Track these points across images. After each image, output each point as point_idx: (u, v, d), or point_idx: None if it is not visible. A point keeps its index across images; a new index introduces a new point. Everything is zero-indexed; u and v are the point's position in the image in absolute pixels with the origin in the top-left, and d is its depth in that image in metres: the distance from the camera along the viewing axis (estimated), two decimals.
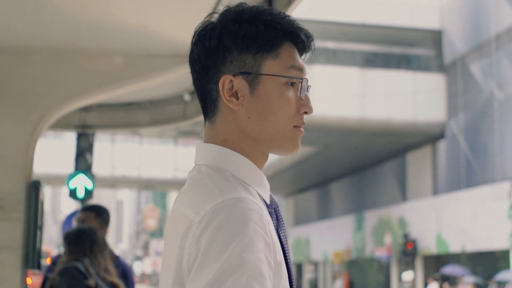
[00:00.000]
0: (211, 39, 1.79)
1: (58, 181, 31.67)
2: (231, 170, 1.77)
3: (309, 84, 1.85)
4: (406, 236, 29.45)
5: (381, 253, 31.77)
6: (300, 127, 1.82)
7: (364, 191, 37.05)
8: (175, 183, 37.67)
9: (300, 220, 45.54)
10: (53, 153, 30.60)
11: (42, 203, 6.98)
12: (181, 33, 6.92)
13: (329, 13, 29.43)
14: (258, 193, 1.78)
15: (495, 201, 23.99)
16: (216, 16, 1.84)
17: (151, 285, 69.12)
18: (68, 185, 13.77)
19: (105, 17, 6.66)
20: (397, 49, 31.59)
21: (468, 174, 27.12)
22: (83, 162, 14.10)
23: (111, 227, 6.48)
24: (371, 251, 33.71)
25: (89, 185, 13.74)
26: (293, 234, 43.68)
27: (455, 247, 26.75)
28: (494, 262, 25.17)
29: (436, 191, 29.80)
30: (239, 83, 1.77)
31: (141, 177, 36.51)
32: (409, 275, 24.50)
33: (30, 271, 7.02)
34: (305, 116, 1.83)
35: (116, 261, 5.97)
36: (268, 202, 1.83)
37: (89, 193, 13.82)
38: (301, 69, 1.82)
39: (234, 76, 1.77)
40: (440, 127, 29.02)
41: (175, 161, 36.72)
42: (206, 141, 1.85)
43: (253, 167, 1.81)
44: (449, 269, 25.57)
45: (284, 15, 1.82)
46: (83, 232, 5.40)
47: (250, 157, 1.80)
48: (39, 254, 6.92)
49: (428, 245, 28.58)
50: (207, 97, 1.84)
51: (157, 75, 7.62)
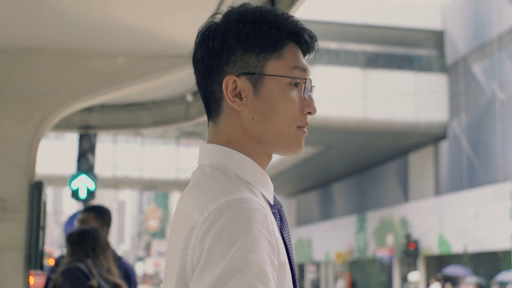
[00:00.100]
0: (215, 40, 1.79)
1: (60, 182, 31.68)
2: (234, 170, 1.77)
3: (312, 84, 1.85)
4: (408, 236, 29.44)
5: (383, 254, 31.76)
6: (303, 127, 1.82)
7: (366, 191, 37.03)
8: (177, 184, 37.66)
9: (302, 220, 45.52)
10: (55, 154, 30.59)
11: (44, 204, 6.98)
12: (183, 33, 6.92)
13: (330, 13, 29.43)
14: (261, 194, 1.78)
15: (497, 202, 23.97)
16: (219, 16, 1.84)
17: (153, 286, 69.11)
18: (70, 186, 13.77)
19: (107, 17, 6.66)
20: (399, 50, 31.59)
21: (470, 174, 27.11)
22: (85, 162, 14.09)
23: (112, 228, 6.48)
24: (373, 252, 33.70)
25: (91, 185, 13.73)
26: (295, 234, 43.65)
27: (457, 248, 26.74)
28: (496, 262, 25.16)
29: (438, 192, 29.78)
30: (243, 84, 1.77)
31: (143, 178, 36.50)
32: (415, 276, 24.49)
33: (32, 272, 7.02)
34: (308, 116, 1.83)
35: (118, 262, 5.98)
36: (271, 202, 1.82)
37: (91, 194, 13.82)
38: (304, 70, 1.82)
39: (237, 76, 1.77)
40: (442, 127, 29.01)
41: (177, 161, 36.70)
42: (209, 142, 1.85)
43: (256, 168, 1.81)
44: (451, 270, 25.55)
45: (287, 15, 1.82)
46: (85, 232, 5.39)
47: (253, 158, 1.80)
48: (41, 254, 6.92)
49: (430, 246, 28.56)
50: (210, 98, 1.84)
51: (159, 76, 7.62)
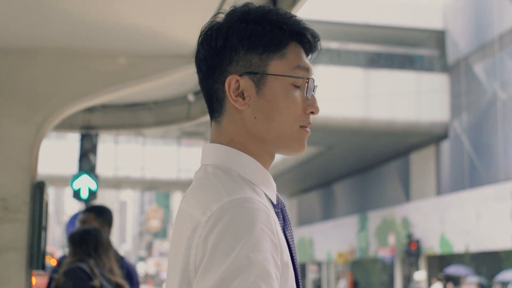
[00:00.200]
0: (217, 39, 1.79)
1: (61, 182, 31.70)
2: (237, 170, 1.77)
3: (315, 84, 1.85)
4: (409, 236, 29.45)
5: (384, 254, 31.77)
6: (306, 127, 1.82)
7: (367, 191, 37.03)
8: (178, 184, 37.68)
9: (303, 220, 45.54)
10: (56, 154, 30.60)
11: (46, 204, 6.98)
12: (185, 33, 6.92)
13: (332, 13, 29.44)
14: (264, 193, 1.78)
15: (498, 201, 23.97)
16: (222, 16, 1.84)
17: (155, 286, 69.14)
18: (72, 186, 13.78)
19: (109, 17, 6.66)
20: (400, 50, 31.61)
21: (471, 174, 27.11)
22: (86, 163, 14.10)
23: (114, 228, 6.48)
24: (375, 252, 33.71)
25: (93, 186, 13.74)
26: (296, 234, 43.65)
27: (458, 247, 26.74)
28: (497, 262, 25.16)
29: (439, 191, 29.79)
30: (245, 83, 1.77)
31: (144, 178, 36.52)
32: (420, 275, 24.50)
33: (34, 272, 7.02)
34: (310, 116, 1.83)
35: (120, 262, 5.98)
36: (274, 202, 1.82)
37: (93, 194, 13.82)
38: (307, 69, 1.82)
39: (240, 76, 1.77)
40: (443, 127, 29.02)
41: (179, 161, 36.72)
42: (212, 141, 1.85)
43: (259, 167, 1.80)
44: (453, 269, 25.56)
45: (290, 15, 1.82)
46: (87, 232, 5.40)
47: (256, 157, 1.80)
48: (43, 255, 6.91)
49: (431, 245, 28.57)
50: (213, 97, 1.83)
51: (161, 76, 7.62)
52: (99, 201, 17.24)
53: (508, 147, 25.22)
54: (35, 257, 6.74)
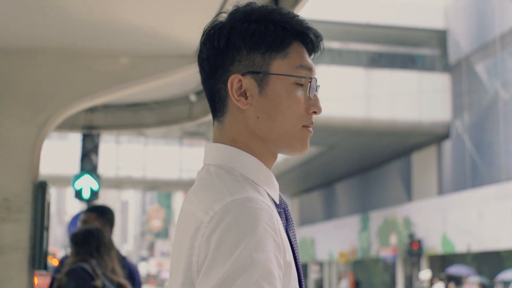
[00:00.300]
0: (220, 39, 1.79)
1: (63, 182, 31.69)
2: (240, 170, 1.77)
3: (318, 84, 1.85)
4: (411, 236, 29.44)
5: (386, 253, 31.77)
6: (309, 126, 1.82)
7: (369, 191, 37.02)
8: (180, 184, 37.68)
9: (305, 220, 45.53)
10: (58, 154, 30.61)
11: (48, 204, 6.98)
12: (187, 33, 6.92)
13: (333, 13, 29.42)
14: (267, 193, 1.78)
15: (500, 201, 23.97)
16: (224, 15, 1.84)
17: (157, 286, 69.14)
18: (73, 186, 13.77)
19: (111, 17, 6.66)
20: (402, 49, 31.60)
21: (473, 174, 27.10)
22: (88, 163, 14.08)
23: (116, 228, 6.48)
24: (377, 251, 33.70)
25: (95, 186, 13.73)
26: (298, 234, 43.65)
27: (460, 247, 26.74)
28: (499, 262, 25.14)
29: (441, 191, 29.78)
30: (248, 83, 1.77)
31: (146, 178, 36.52)
32: (426, 274, 24.49)
33: (36, 272, 7.02)
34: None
35: (122, 262, 5.98)
36: (277, 201, 1.82)
37: (94, 194, 13.81)
38: (310, 69, 1.82)
39: (243, 75, 1.77)
40: (445, 127, 29.01)
41: (180, 161, 36.72)
42: (214, 141, 1.85)
43: (262, 167, 1.80)
44: (455, 269, 25.55)
45: (293, 14, 1.82)
46: (89, 233, 5.40)
47: (259, 157, 1.80)
48: (45, 255, 6.92)
49: (433, 245, 28.56)
50: (215, 97, 1.83)
51: (163, 76, 7.62)
52: (100, 201, 17.24)
53: (509, 147, 25.21)
54: (37, 257, 6.74)
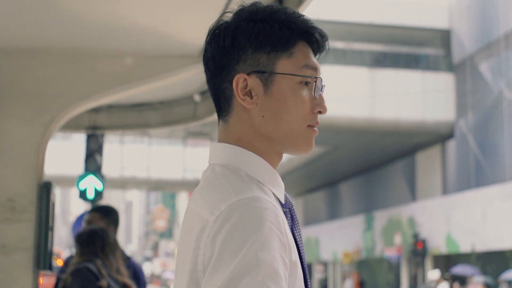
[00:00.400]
0: (225, 38, 1.79)
1: (67, 182, 31.69)
2: (245, 169, 1.77)
3: (323, 83, 1.85)
4: (415, 236, 29.40)
5: (391, 253, 31.72)
6: (314, 126, 1.82)
7: (373, 191, 36.98)
8: (184, 184, 37.67)
9: (309, 220, 45.52)
10: (62, 155, 30.62)
11: (53, 204, 6.99)
12: (191, 33, 6.93)
13: (337, 13, 29.40)
14: (272, 193, 1.78)
15: (504, 201, 23.92)
16: (229, 15, 1.84)
17: (161, 286, 69.12)
18: (78, 186, 13.79)
19: (115, 18, 6.67)
20: (405, 49, 31.55)
21: (477, 173, 27.06)
22: (92, 163, 14.10)
23: (120, 228, 6.48)
24: (381, 251, 33.66)
25: (99, 186, 13.74)
26: (302, 234, 43.35)
27: (465, 247, 26.69)
28: (504, 261, 25.09)
29: (445, 191, 29.74)
30: (253, 82, 1.77)
31: (150, 178, 36.51)
32: (434, 274, 24.45)
33: (41, 272, 7.03)
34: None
35: (127, 262, 5.98)
36: (282, 201, 1.83)
37: (99, 194, 13.83)
38: (315, 68, 1.82)
39: (248, 74, 1.77)
40: (449, 126, 28.97)
41: (184, 162, 36.71)
42: (220, 141, 1.85)
43: (267, 167, 1.80)
44: (459, 269, 25.50)
45: (298, 14, 1.82)
46: (94, 233, 5.40)
47: (264, 157, 1.80)
48: (50, 255, 6.93)
49: (438, 245, 28.52)
50: (221, 96, 1.84)
51: (167, 76, 7.62)
52: (105, 202, 17.27)
53: None
54: (42, 257, 6.75)
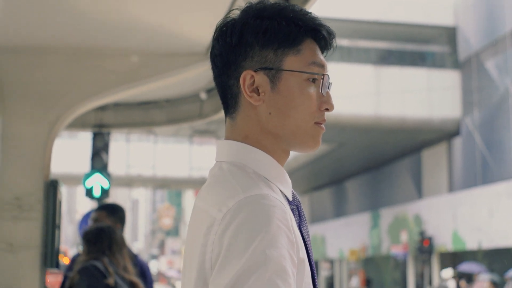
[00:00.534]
0: (233, 35, 1.79)
1: (73, 180, 31.73)
2: (252, 166, 1.77)
3: (330, 81, 1.85)
4: (422, 233, 29.36)
5: (397, 251, 31.69)
6: (321, 123, 1.82)
7: (379, 188, 36.95)
8: (190, 182, 37.70)
9: (315, 218, 45.48)
10: (69, 153, 30.66)
11: (60, 203, 7.01)
12: (197, 31, 6.93)
13: (343, 10, 29.37)
14: (280, 190, 1.78)
15: (511, 198, 23.88)
16: (237, 12, 1.84)
17: (168, 284, 69.17)
18: (84, 184, 13.81)
19: (121, 16, 6.67)
20: (411, 46, 31.51)
21: (484, 170, 27.02)
22: (99, 161, 14.12)
23: (126, 226, 6.49)
24: (387, 249, 33.63)
25: (105, 184, 13.77)
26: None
27: (471, 244, 26.66)
28: (511, 258, 25.05)
29: (452, 188, 29.70)
30: (260, 79, 1.77)
31: (156, 176, 36.54)
32: (448, 273, 24.40)
33: (48, 270, 7.05)
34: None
35: (134, 260, 5.99)
36: (290, 198, 1.83)
37: (105, 192, 13.85)
38: (322, 66, 1.82)
39: (255, 71, 1.77)
40: (455, 124, 28.92)
41: (190, 160, 36.72)
42: (227, 138, 1.85)
43: (274, 164, 1.80)
44: (466, 266, 25.44)
45: (306, 11, 1.82)
46: (101, 231, 5.40)
47: (271, 154, 1.80)
48: (57, 253, 6.94)
49: (444, 242, 28.49)
50: (227, 93, 1.84)
51: (173, 74, 7.63)
52: (111, 200, 17.28)
53: None
54: (49, 255, 6.77)
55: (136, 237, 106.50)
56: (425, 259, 29.42)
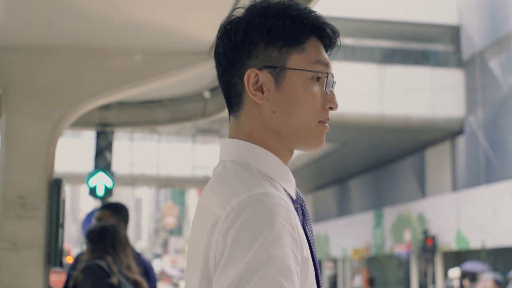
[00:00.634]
0: (237, 33, 1.79)
1: (77, 179, 31.74)
2: (256, 165, 1.77)
3: (334, 80, 1.85)
4: (425, 232, 29.34)
5: (400, 250, 31.68)
6: (325, 122, 1.82)
7: (383, 187, 36.92)
8: (193, 181, 37.70)
9: (319, 217, 45.47)
10: (72, 152, 30.68)
11: (63, 201, 7.01)
12: (201, 30, 6.93)
13: (346, 9, 29.35)
14: (284, 188, 1.78)
15: None
16: (241, 11, 1.84)
17: (171, 283, 69.22)
18: (88, 183, 13.81)
19: (125, 15, 6.67)
20: (415, 45, 31.49)
21: (487, 169, 26.99)
22: (102, 160, 14.12)
23: (130, 225, 6.49)
24: (391, 248, 33.61)
25: (109, 183, 13.76)
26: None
27: (475, 243, 26.63)
28: None
29: (455, 187, 29.67)
30: (265, 77, 1.77)
31: (159, 175, 36.54)
32: (455, 272, 24.38)
33: (52, 269, 7.05)
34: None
35: (138, 259, 5.99)
36: (294, 197, 1.82)
37: (109, 191, 13.84)
38: (326, 64, 1.82)
39: (259, 70, 1.77)
40: (459, 123, 28.90)
41: (194, 159, 36.73)
42: (231, 136, 1.85)
43: (278, 162, 1.80)
44: (469, 266, 25.43)
45: (310, 10, 1.82)
46: (105, 229, 5.41)
47: (275, 152, 1.80)
48: (61, 252, 6.95)
49: (447, 241, 28.47)
50: (232, 92, 1.83)
51: (177, 73, 7.63)
52: (114, 199, 17.27)
53: None
54: (53, 254, 6.77)
55: (139, 236, 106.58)
56: (429, 258, 29.40)
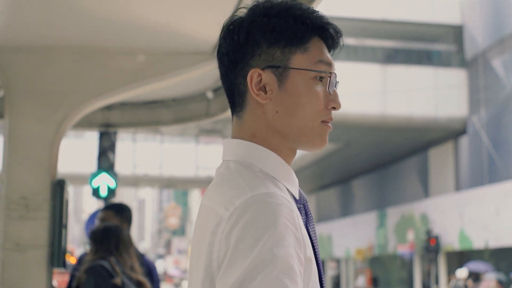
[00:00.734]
0: (240, 33, 1.79)
1: (80, 180, 31.77)
2: (259, 165, 1.77)
3: (337, 79, 1.85)
4: (428, 232, 29.33)
5: (403, 250, 31.67)
6: (328, 122, 1.82)
7: (386, 187, 36.91)
8: (196, 181, 37.72)
9: (322, 217, 45.47)
10: (75, 153, 30.70)
11: (67, 202, 7.01)
12: (204, 30, 6.93)
13: (349, 9, 29.35)
14: (287, 189, 1.78)
15: None
16: (243, 11, 1.84)
17: (174, 284, 69.24)
18: (91, 184, 13.83)
19: (128, 15, 6.68)
20: (418, 45, 31.47)
21: (490, 169, 26.97)
22: (105, 161, 14.14)
23: (133, 226, 6.49)
24: (394, 248, 33.60)
25: (112, 183, 13.78)
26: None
27: (478, 243, 26.61)
28: None
29: (458, 187, 29.65)
30: (268, 77, 1.77)
31: (162, 176, 36.57)
32: (463, 272, 24.36)
33: (55, 270, 7.05)
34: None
35: (141, 259, 5.99)
36: (297, 197, 1.82)
37: (112, 192, 13.87)
38: (329, 64, 1.82)
39: (262, 69, 1.77)
40: (462, 122, 28.88)
41: (197, 159, 36.76)
42: (233, 137, 1.85)
43: (281, 162, 1.80)
44: (473, 265, 25.42)
45: (313, 10, 1.82)
46: (108, 230, 5.41)
47: (278, 152, 1.80)
48: (64, 252, 6.95)
49: (451, 241, 28.45)
50: (235, 91, 1.83)
51: (180, 73, 7.62)
52: (117, 199, 17.29)
53: None
54: (56, 255, 6.77)
55: (142, 237, 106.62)
56: (432, 258, 29.38)
